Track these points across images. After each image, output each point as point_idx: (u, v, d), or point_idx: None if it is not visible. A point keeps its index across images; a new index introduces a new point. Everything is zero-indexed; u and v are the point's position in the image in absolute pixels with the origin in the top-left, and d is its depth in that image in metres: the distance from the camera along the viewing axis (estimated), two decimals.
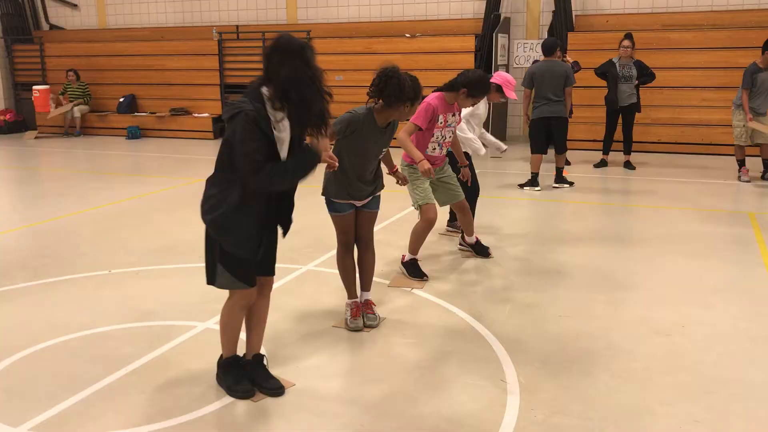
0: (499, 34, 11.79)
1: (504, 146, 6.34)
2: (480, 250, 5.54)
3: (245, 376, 3.36)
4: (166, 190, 8.56)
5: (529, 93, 8.56)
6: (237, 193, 3.03)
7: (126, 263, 5.49)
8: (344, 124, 3.88)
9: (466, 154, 5.67)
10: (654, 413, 3.17)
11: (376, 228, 4.33)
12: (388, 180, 4.35)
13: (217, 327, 3.40)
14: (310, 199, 4.66)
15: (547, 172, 8.80)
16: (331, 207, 4.07)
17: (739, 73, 8.84)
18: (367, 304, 4.23)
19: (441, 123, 4.94)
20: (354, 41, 12.76)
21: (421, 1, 13.19)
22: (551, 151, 8.56)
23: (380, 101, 3.90)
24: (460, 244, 5.69)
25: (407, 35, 12.52)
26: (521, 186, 8.41)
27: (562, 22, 11.72)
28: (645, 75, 9.43)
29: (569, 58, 9.65)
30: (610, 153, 9.98)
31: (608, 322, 4.25)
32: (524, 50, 12.42)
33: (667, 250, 5.79)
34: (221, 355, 3.40)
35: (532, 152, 8.37)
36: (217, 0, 14.40)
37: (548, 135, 8.35)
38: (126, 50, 14.83)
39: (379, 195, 4.17)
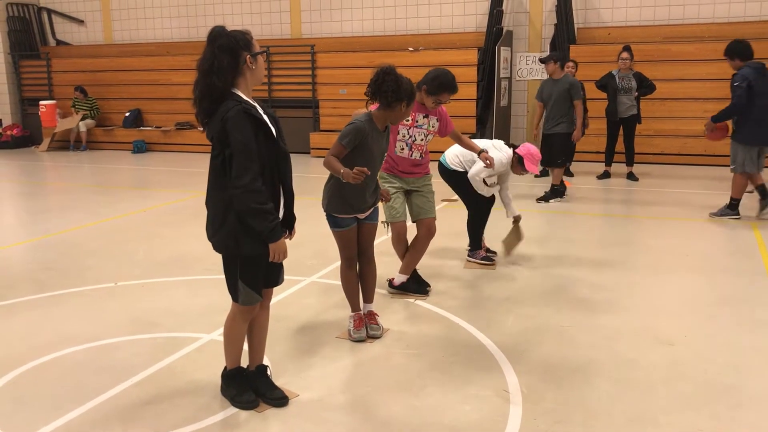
0: (502, 48, 11.86)
1: (517, 212, 5.74)
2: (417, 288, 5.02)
3: (249, 386, 3.38)
4: (171, 204, 8.62)
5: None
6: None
7: (132, 276, 5.53)
8: (352, 135, 3.86)
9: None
10: (657, 423, 3.18)
11: (376, 240, 4.35)
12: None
13: (222, 338, 3.43)
14: (312, 212, 4.70)
15: (543, 183, 8.82)
16: (334, 223, 4.06)
17: None
18: (371, 315, 4.25)
19: (408, 121, 4.69)
20: (357, 55, 12.86)
21: (423, 15, 13.29)
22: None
23: (377, 104, 3.95)
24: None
25: (410, 49, 12.61)
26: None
27: (564, 35, 11.79)
28: (645, 86, 9.51)
29: None
30: (613, 164, 10.02)
31: (611, 331, 4.26)
32: (527, 63, 12.50)
33: (670, 260, 5.81)
34: (225, 367, 3.43)
35: (563, 165, 8.56)
36: (222, 15, 14.54)
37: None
38: (132, 65, 14.98)
39: (378, 206, 4.20)
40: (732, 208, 7.26)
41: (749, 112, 6.97)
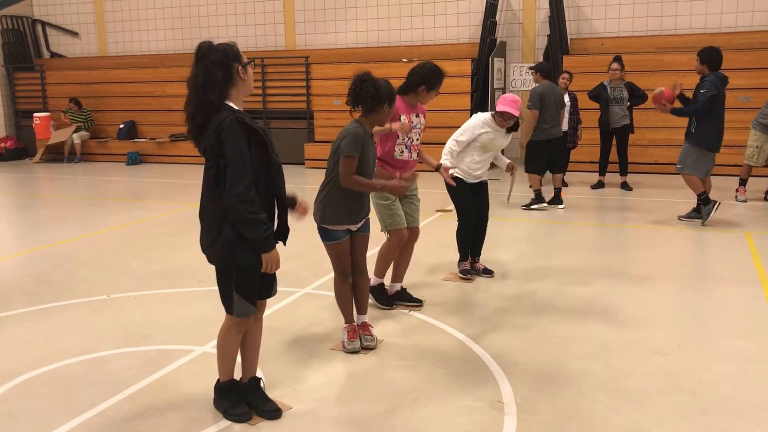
0: (495, 58, 11.91)
1: (508, 161, 5.63)
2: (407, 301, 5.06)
3: (242, 399, 3.36)
4: (165, 215, 8.60)
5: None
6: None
7: (124, 288, 5.50)
8: (353, 144, 3.86)
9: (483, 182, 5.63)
10: None
11: (369, 252, 4.34)
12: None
13: (215, 351, 3.41)
14: (306, 223, 4.68)
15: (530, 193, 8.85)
16: (327, 236, 4.05)
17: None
18: (364, 327, 4.23)
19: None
20: (352, 66, 12.86)
21: (417, 26, 13.35)
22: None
23: (360, 111, 3.97)
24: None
25: (404, 60, 12.65)
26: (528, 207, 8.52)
27: (558, 46, 11.86)
28: (636, 96, 9.57)
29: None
30: (607, 174, 10.05)
31: (605, 341, 4.26)
32: (520, 74, 12.56)
33: (664, 269, 5.81)
34: (218, 380, 3.41)
35: (539, 173, 8.58)
36: (216, 27, 14.59)
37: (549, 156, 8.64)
38: (126, 77, 15.00)
39: (369, 218, 4.19)
40: (706, 203, 7.35)
41: (710, 118, 7.22)
